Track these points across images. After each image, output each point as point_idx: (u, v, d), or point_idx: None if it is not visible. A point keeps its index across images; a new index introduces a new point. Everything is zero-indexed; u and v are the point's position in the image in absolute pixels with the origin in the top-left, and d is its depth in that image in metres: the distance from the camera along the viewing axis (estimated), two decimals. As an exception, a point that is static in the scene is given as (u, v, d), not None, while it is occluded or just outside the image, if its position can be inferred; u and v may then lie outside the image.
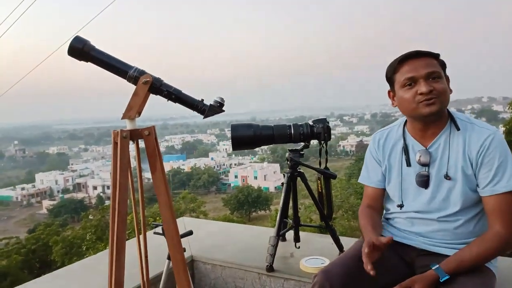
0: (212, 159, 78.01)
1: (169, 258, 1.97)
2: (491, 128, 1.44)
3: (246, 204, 39.76)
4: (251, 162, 71.58)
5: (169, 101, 1.64)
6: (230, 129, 2.05)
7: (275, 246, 2.08)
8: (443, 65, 1.46)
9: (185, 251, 1.77)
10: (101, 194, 58.40)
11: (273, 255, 2.08)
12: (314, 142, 2.16)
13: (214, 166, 71.48)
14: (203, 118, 1.68)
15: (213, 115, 1.65)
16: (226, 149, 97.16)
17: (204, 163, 70.56)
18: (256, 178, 57.36)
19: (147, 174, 1.78)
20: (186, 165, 69.19)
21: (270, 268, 2.08)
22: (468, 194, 1.44)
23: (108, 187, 61.99)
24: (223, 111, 1.67)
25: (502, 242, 1.37)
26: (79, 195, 57.62)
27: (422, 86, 1.38)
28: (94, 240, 19.38)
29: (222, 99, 1.66)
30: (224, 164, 76.72)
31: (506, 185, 1.37)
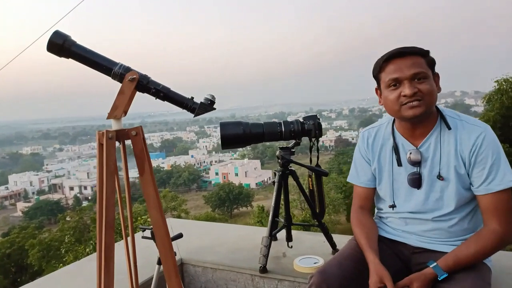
0: (192, 156, 77.52)
1: (159, 263, 1.89)
2: (482, 125, 1.41)
3: (228, 201, 39.74)
4: (231, 159, 71.49)
5: (157, 99, 1.57)
6: (211, 126, 1.98)
7: (268, 247, 2.03)
8: (431, 62, 1.41)
9: (175, 255, 1.70)
10: (78, 194, 57.07)
11: (266, 256, 2.03)
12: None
13: (195, 164, 71.06)
14: (194, 116, 1.61)
15: (204, 113, 1.58)
16: (206, 146, 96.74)
17: (184, 161, 70.06)
18: (237, 175, 57.33)
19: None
20: (166, 163, 68.52)
21: (263, 269, 2.03)
22: (462, 193, 1.42)
23: (85, 188, 60.72)
24: (214, 109, 1.60)
25: (499, 239, 1.36)
26: (55, 196, 56.15)
27: (406, 88, 1.34)
28: (73, 242, 18.91)
29: (213, 96, 1.59)
30: (204, 162, 76.35)
31: (500, 183, 1.35)
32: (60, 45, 1.45)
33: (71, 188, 62.06)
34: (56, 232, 23.44)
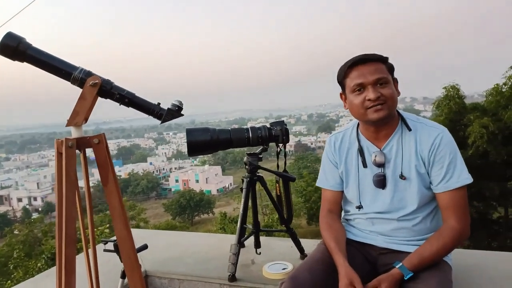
0: (151, 163, 75.50)
1: (123, 276, 1.80)
2: (440, 127, 1.50)
3: (188, 209, 39.05)
4: (192, 166, 70.44)
5: (122, 105, 1.50)
6: (170, 132, 1.93)
7: (236, 254, 1.99)
8: (391, 68, 1.50)
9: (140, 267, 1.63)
10: (27, 206, 53.68)
11: (235, 264, 1.99)
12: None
13: (154, 171, 69.29)
14: (160, 123, 1.56)
15: (171, 119, 1.54)
16: (165, 153, 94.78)
17: (142, 168, 68.08)
18: (198, 182, 56.61)
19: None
20: (123, 171, 66.18)
21: (232, 278, 1.99)
22: (423, 192, 1.49)
23: (35, 199, 57.30)
24: (182, 115, 1.56)
25: (457, 236, 1.43)
26: (2, 209, 52.44)
27: (370, 92, 1.41)
28: (23, 257, 17.69)
29: (180, 102, 1.55)
30: (164, 169, 74.67)
31: (458, 181, 1.44)
32: (14, 47, 1.35)
33: (19, 200, 58.27)
34: (3, 247, 21.86)
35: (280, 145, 2.10)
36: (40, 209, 50.45)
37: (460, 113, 14.35)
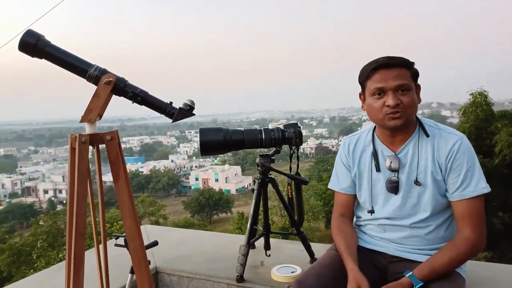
0: (172, 161, 76.55)
1: (132, 272, 1.83)
2: (459, 133, 1.46)
3: (207, 207, 39.38)
4: (212, 165, 70.95)
5: (135, 103, 1.52)
6: (192, 131, 1.95)
7: (245, 256, 1.99)
8: (415, 74, 1.46)
9: (149, 263, 1.65)
10: (53, 198, 55.45)
11: (243, 265, 1.99)
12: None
13: (174, 169, 70.20)
14: (172, 122, 1.58)
15: (182, 118, 1.55)
16: (186, 151, 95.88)
17: (164, 166, 69.13)
18: (217, 181, 56.98)
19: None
20: (145, 167, 67.43)
21: (240, 279, 1.99)
22: (438, 199, 1.45)
23: (60, 191, 59.06)
24: (194, 114, 1.58)
25: (472, 246, 1.39)
26: (29, 200, 54.33)
27: (390, 98, 1.39)
28: (46, 247, 18.29)
29: (192, 102, 1.56)
30: (184, 167, 75.56)
31: (474, 190, 1.39)
32: (33, 45, 1.40)
33: (46, 192, 60.22)
34: (28, 237, 22.64)
35: (293, 147, 2.09)
36: (64, 201, 51.96)
37: (487, 121, 13.89)
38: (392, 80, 1.39)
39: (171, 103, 1.55)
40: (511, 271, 1.99)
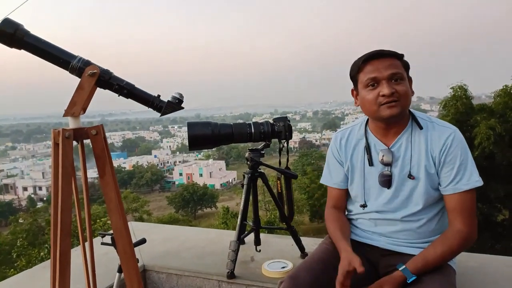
0: (155, 156, 75.74)
1: (119, 271, 1.78)
2: (452, 126, 1.45)
3: (192, 202, 39.21)
4: (196, 160, 70.59)
5: (120, 96, 1.46)
6: (175, 126, 1.90)
7: (236, 251, 1.96)
8: (406, 66, 1.45)
9: (137, 262, 1.60)
10: (32, 195, 54.13)
11: (234, 261, 1.96)
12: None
13: (158, 164, 69.51)
14: (160, 115, 1.53)
15: (171, 112, 1.50)
16: (170, 146, 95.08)
17: (147, 161, 68.33)
18: (202, 176, 56.74)
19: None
20: (128, 163, 66.50)
21: (231, 275, 1.96)
22: (430, 192, 1.45)
23: (40, 188, 57.76)
24: (182, 108, 1.53)
25: (464, 239, 1.39)
26: (7, 197, 52.93)
27: (385, 88, 1.36)
28: (26, 246, 17.85)
29: (181, 95, 1.52)
30: (168, 162, 74.90)
31: (467, 183, 1.39)
32: (11, 34, 1.32)
33: (25, 189, 58.74)
34: (7, 235, 22.06)
35: (283, 141, 2.06)
36: (45, 198, 50.87)
37: (467, 114, 14.19)
38: (384, 70, 1.37)
39: (158, 96, 1.50)
40: (497, 261, 2.03)
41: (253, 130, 1.99)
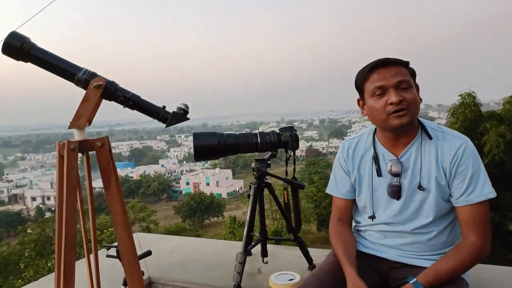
0: (162, 166, 75.98)
1: (125, 284, 1.75)
2: (463, 137, 1.42)
3: (199, 211, 39.13)
4: (203, 169, 70.61)
5: (126, 107, 1.46)
6: (182, 135, 1.89)
7: (242, 263, 1.93)
8: (412, 73, 1.42)
9: (143, 274, 1.58)
10: (41, 205, 54.49)
11: (240, 273, 1.93)
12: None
13: (165, 173, 69.72)
14: (166, 126, 1.52)
15: (176, 123, 1.50)
16: (177, 155, 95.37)
17: (154, 170, 68.60)
18: (208, 185, 56.71)
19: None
20: (135, 172, 66.78)
21: (238, 287, 1.93)
22: (441, 204, 1.41)
23: (48, 198, 58.13)
24: (188, 119, 1.52)
25: (477, 252, 1.35)
26: (16, 207, 53.30)
27: (392, 95, 1.33)
28: (34, 256, 17.91)
29: (186, 106, 1.51)
30: (175, 171, 75.10)
31: (480, 195, 1.35)
32: (18, 47, 1.33)
33: (33, 199, 59.18)
34: (16, 246, 22.18)
35: (290, 151, 2.04)
36: (53, 208, 51.14)
37: (476, 121, 14.04)
38: (391, 77, 1.35)
39: (164, 107, 1.49)
40: (511, 272, 1.97)
41: (259, 140, 1.97)
